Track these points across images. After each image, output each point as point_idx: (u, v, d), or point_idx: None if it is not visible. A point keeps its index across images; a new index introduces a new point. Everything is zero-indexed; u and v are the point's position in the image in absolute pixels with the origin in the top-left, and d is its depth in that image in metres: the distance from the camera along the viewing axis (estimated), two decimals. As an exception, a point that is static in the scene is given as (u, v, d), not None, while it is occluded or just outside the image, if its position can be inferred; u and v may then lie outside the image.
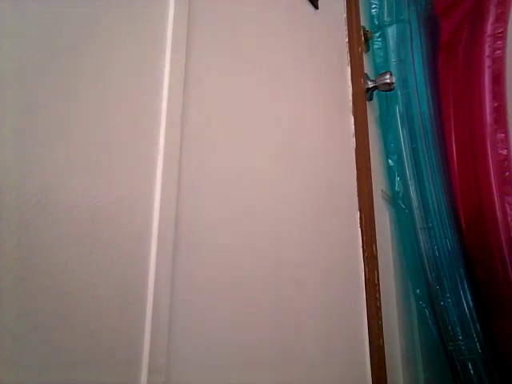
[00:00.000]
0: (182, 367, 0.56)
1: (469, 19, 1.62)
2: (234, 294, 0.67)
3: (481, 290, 1.34)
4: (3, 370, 0.39)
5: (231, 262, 0.68)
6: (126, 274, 0.51)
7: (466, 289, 1.27)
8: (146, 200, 0.56)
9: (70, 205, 0.47)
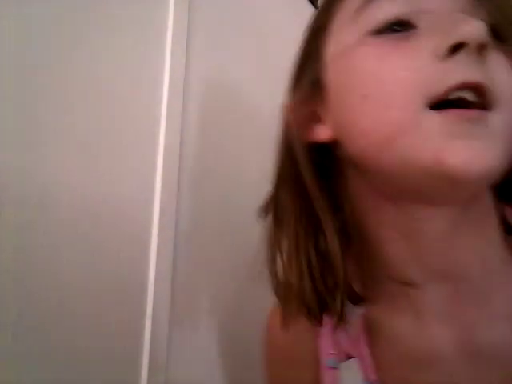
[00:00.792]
0: (182, 367, 0.56)
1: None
2: (233, 294, 0.67)
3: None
4: (3, 370, 0.39)
5: (231, 261, 0.68)
6: (126, 274, 0.51)
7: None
8: (146, 200, 0.56)
9: (70, 205, 0.47)
